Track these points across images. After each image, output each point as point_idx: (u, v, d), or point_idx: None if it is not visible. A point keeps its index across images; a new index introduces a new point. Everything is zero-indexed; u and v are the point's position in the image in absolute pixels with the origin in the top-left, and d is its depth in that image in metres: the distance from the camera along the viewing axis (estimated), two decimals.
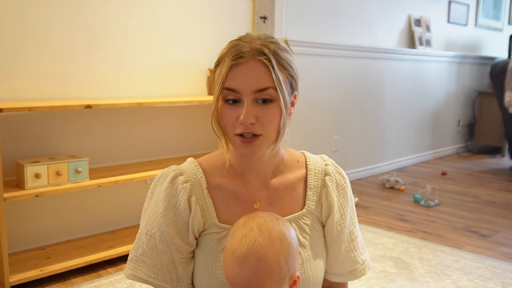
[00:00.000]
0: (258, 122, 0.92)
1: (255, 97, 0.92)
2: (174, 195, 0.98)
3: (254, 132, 0.93)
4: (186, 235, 0.98)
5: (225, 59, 0.94)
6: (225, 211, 1.00)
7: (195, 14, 2.82)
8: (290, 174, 1.05)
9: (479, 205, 3.50)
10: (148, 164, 2.59)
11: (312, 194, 1.05)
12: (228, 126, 0.95)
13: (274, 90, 0.92)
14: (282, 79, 0.93)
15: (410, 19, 4.59)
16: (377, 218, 3.13)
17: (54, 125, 2.32)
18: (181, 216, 0.98)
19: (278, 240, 0.87)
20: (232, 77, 0.92)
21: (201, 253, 1.00)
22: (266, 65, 0.92)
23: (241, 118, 0.91)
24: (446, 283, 2.18)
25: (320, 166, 1.08)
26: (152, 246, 0.99)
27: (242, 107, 0.92)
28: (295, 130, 3.55)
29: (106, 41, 2.45)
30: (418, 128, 4.94)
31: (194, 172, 1.01)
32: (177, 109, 2.80)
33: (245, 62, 0.92)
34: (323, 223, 1.06)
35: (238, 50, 0.92)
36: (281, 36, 3.36)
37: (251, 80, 0.91)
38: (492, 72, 4.90)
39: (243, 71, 0.92)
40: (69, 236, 2.43)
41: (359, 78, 4.10)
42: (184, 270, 0.99)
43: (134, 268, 1.00)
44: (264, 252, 0.85)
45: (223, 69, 0.93)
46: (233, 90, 0.92)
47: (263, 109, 0.93)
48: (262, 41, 0.95)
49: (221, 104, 0.94)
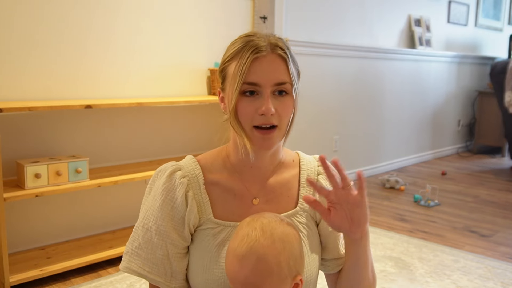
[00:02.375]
0: (276, 113, 0.95)
1: (273, 90, 0.95)
2: (172, 190, 1.00)
3: (272, 122, 0.95)
4: (182, 230, 0.99)
5: (242, 53, 0.95)
6: (221, 207, 1.02)
7: (195, 14, 2.82)
8: (286, 173, 1.07)
9: (479, 205, 3.50)
10: (148, 164, 2.59)
11: (305, 193, 1.06)
12: (246, 119, 0.96)
13: (289, 85, 0.96)
14: (295, 72, 0.98)
15: (410, 19, 4.59)
16: (377, 218, 3.13)
17: (54, 125, 2.32)
18: (177, 210, 0.99)
19: (279, 241, 0.87)
20: (253, 71, 0.94)
21: (196, 248, 1.01)
22: (283, 59, 0.96)
23: (262, 109, 0.93)
24: (446, 283, 2.18)
25: (313, 166, 1.10)
26: (147, 240, 1.00)
27: (260, 98, 0.94)
28: (295, 130, 3.54)
29: (106, 41, 2.45)
30: (418, 128, 4.94)
31: (192, 168, 1.03)
32: (177, 109, 2.80)
33: (264, 56, 0.95)
34: (317, 221, 1.07)
35: (257, 45, 0.95)
36: (281, 36, 3.35)
37: (272, 73, 0.94)
38: (492, 72, 4.90)
39: (263, 64, 0.94)
40: (69, 236, 2.43)
41: (359, 78, 4.10)
42: (178, 265, 1.00)
43: (129, 261, 1.01)
44: (264, 252, 0.85)
45: (243, 63, 0.94)
46: (254, 84, 0.94)
47: (280, 100, 0.96)
48: (274, 37, 0.99)
49: (238, 97, 0.95)
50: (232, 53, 0.97)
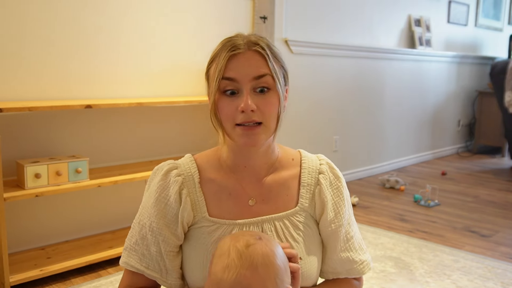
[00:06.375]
0: (258, 111, 0.94)
1: (253, 86, 0.95)
2: (166, 188, 1.01)
3: (255, 120, 0.95)
4: (175, 228, 1.00)
5: (220, 53, 0.96)
6: (217, 205, 1.02)
7: (195, 14, 2.82)
8: (284, 172, 1.06)
9: (479, 205, 3.50)
10: (148, 164, 2.59)
11: (306, 192, 1.06)
12: (227, 118, 0.96)
13: (271, 78, 0.96)
14: (277, 68, 0.97)
15: (410, 19, 4.59)
16: (377, 218, 3.13)
17: (54, 125, 2.32)
18: (171, 208, 1.00)
19: (262, 266, 0.84)
20: (230, 67, 0.95)
21: (192, 246, 1.01)
22: (262, 55, 0.96)
23: (242, 106, 0.93)
24: (446, 283, 2.18)
25: (315, 164, 1.09)
26: (143, 236, 1.02)
27: (240, 97, 0.95)
28: (295, 130, 3.55)
29: (106, 41, 2.45)
30: (418, 128, 4.95)
31: (188, 167, 1.04)
32: (177, 109, 2.80)
33: (242, 52, 0.95)
34: (317, 220, 1.07)
35: (234, 43, 0.96)
36: (281, 36, 3.36)
37: (249, 68, 0.95)
38: (492, 72, 4.90)
39: (241, 60, 0.95)
40: (69, 236, 2.43)
41: (359, 78, 4.10)
42: (171, 263, 1.01)
43: (127, 256, 1.03)
44: (249, 282, 0.83)
45: (220, 62, 0.95)
46: (231, 79, 0.94)
47: (262, 98, 0.95)
48: (255, 36, 0.99)
49: (218, 97, 0.97)
50: (213, 56, 0.99)
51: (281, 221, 1.02)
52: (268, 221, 1.02)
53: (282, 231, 1.01)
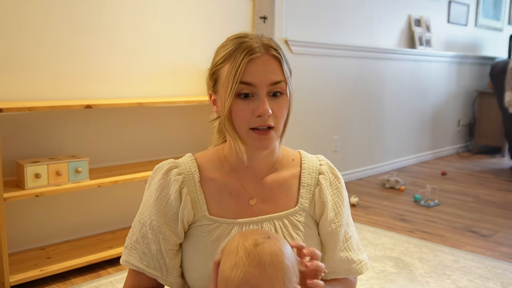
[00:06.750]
0: (272, 115, 0.95)
1: (268, 90, 0.96)
2: (166, 186, 1.02)
3: (269, 124, 0.95)
4: (175, 226, 1.00)
5: (236, 55, 0.95)
6: (217, 204, 1.02)
7: (195, 14, 2.82)
8: (284, 172, 1.07)
9: (479, 205, 3.50)
10: (148, 164, 2.59)
11: (306, 192, 1.06)
12: (242, 122, 0.96)
13: (284, 83, 0.97)
14: (289, 72, 0.99)
15: (410, 19, 4.59)
16: (377, 218, 3.13)
17: (54, 125, 2.32)
18: (171, 206, 1.00)
19: (270, 266, 0.84)
20: (248, 71, 0.94)
21: (192, 245, 1.01)
22: (277, 59, 0.97)
23: (260, 110, 0.93)
24: (446, 283, 2.18)
25: (315, 165, 1.10)
26: (143, 234, 1.02)
27: (256, 100, 0.95)
28: (296, 130, 3.55)
29: (106, 41, 2.45)
30: (418, 128, 4.95)
31: (188, 166, 1.05)
32: (177, 109, 2.80)
33: (259, 57, 0.95)
34: (317, 221, 1.07)
35: (250, 46, 0.95)
36: (281, 36, 3.36)
37: (267, 73, 0.95)
38: (492, 72, 4.90)
39: (258, 65, 0.95)
40: (69, 236, 2.43)
41: (359, 78, 4.10)
42: (171, 262, 1.01)
43: (128, 255, 1.04)
44: (257, 281, 0.83)
45: (237, 65, 0.94)
46: (249, 84, 0.94)
47: (275, 102, 0.96)
48: (265, 38, 0.99)
49: (232, 99, 0.95)
50: (225, 56, 0.97)
51: (281, 220, 1.03)
52: (268, 220, 1.02)
53: (282, 230, 1.02)
